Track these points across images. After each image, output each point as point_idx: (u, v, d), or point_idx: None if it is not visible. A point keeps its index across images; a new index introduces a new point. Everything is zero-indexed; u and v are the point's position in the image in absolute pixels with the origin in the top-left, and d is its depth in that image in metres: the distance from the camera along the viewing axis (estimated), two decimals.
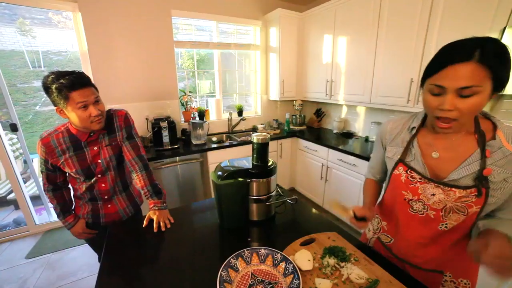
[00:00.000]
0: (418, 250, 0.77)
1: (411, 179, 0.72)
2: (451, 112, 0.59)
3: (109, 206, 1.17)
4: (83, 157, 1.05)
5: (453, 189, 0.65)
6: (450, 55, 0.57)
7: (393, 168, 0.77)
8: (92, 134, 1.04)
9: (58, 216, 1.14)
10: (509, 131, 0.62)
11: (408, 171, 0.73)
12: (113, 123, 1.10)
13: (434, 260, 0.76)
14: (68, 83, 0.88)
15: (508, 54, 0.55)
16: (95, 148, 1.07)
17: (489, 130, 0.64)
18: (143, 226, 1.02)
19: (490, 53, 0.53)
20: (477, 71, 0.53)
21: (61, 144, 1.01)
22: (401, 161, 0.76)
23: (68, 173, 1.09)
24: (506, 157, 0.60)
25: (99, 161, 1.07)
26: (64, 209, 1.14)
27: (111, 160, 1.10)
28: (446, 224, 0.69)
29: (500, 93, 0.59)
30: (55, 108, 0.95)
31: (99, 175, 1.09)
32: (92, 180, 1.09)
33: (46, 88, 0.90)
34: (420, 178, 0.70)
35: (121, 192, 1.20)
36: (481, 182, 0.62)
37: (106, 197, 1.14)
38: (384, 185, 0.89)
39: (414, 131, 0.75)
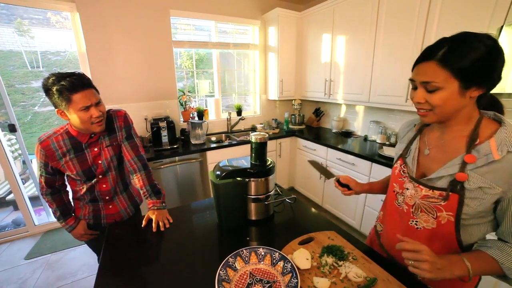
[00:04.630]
0: (395, 243, 0.78)
1: (402, 173, 0.76)
2: (423, 105, 0.63)
3: (110, 206, 1.17)
4: (83, 159, 1.04)
5: (420, 186, 0.68)
6: (421, 54, 0.62)
7: (395, 162, 0.82)
8: (92, 135, 1.04)
9: (58, 220, 1.13)
10: (506, 137, 0.56)
11: (402, 166, 0.77)
12: (113, 123, 1.10)
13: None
14: (69, 85, 0.87)
15: (472, 49, 0.54)
16: (96, 149, 1.06)
17: (488, 134, 0.59)
18: (142, 226, 1.02)
19: (451, 52, 0.56)
20: (436, 69, 0.58)
21: (61, 147, 1.00)
22: (401, 156, 0.80)
23: (68, 175, 1.08)
24: (489, 164, 0.56)
25: (100, 162, 1.07)
26: (64, 211, 1.13)
27: (112, 160, 1.10)
28: (416, 221, 0.71)
29: (488, 90, 0.58)
30: (55, 110, 0.94)
31: (100, 176, 1.09)
32: (93, 181, 1.08)
33: (47, 90, 0.89)
34: (406, 173, 0.74)
35: (122, 192, 1.20)
36: (455, 187, 0.61)
37: (107, 197, 1.14)
38: None
39: (415, 128, 0.79)
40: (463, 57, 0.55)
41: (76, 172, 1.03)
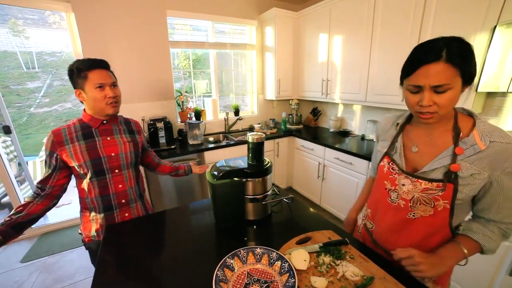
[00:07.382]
0: (391, 237, 0.82)
1: (392, 170, 0.78)
2: (430, 107, 0.64)
3: (126, 214, 1.10)
4: (93, 147, 1.00)
5: (419, 180, 0.71)
6: (422, 56, 0.62)
7: (380, 160, 0.84)
8: (104, 122, 1.04)
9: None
10: (484, 129, 0.64)
11: (390, 163, 0.80)
12: (131, 124, 1.18)
13: None
14: (87, 64, 0.96)
15: (471, 51, 0.61)
16: (108, 138, 1.04)
17: (468, 127, 0.67)
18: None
19: (455, 52, 0.59)
20: (446, 70, 0.59)
21: (71, 133, 0.99)
22: (386, 154, 0.82)
23: (76, 175, 1.01)
24: (477, 154, 0.64)
25: (113, 154, 1.04)
26: (15, 224, 0.90)
27: (131, 156, 1.10)
28: (414, 213, 0.74)
29: (470, 85, 0.64)
30: (74, 91, 0.99)
31: (116, 170, 1.05)
32: (108, 177, 1.03)
33: (70, 72, 0.96)
34: (398, 170, 0.77)
35: (138, 199, 1.16)
36: (450, 177, 0.66)
37: (123, 200, 1.08)
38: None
39: (398, 127, 0.82)
40: (466, 57, 0.60)
41: (84, 162, 0.97)
